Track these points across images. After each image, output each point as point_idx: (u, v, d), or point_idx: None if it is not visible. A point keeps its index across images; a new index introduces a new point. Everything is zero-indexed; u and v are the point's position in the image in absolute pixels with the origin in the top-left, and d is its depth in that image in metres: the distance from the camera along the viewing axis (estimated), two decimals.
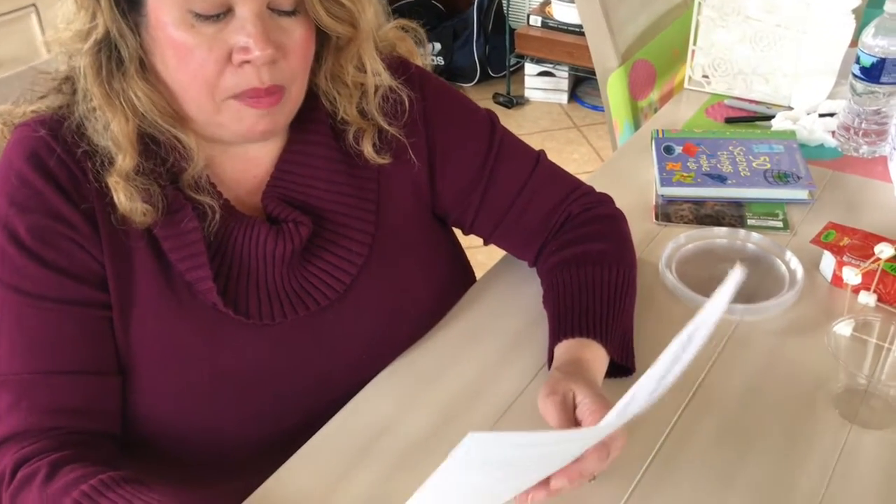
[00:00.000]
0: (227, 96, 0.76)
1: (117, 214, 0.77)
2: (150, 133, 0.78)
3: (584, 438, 0.67)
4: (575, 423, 0.74)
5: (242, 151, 0.85)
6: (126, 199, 0.76)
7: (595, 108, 3.18)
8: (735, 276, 0.60)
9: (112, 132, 0.75)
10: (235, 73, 0.75)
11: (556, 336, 0.85)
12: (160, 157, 0.79)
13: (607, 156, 2.81)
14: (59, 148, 0.77)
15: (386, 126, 0.87)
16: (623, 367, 0.85)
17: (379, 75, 0.85)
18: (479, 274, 1.06)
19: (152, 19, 0.74)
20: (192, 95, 0.76)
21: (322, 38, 0.81)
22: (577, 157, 2.91)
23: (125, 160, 0.76)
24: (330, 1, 0.76)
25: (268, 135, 0.81)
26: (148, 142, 0.78)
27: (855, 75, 1.22)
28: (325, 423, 0.84)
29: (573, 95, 3.28)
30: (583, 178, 1.03)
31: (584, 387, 0.75)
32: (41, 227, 0.76)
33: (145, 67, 0.76)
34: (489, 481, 0.62)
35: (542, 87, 3.27)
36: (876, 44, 1.18)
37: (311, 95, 0.85)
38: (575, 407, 0.75)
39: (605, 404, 0.73)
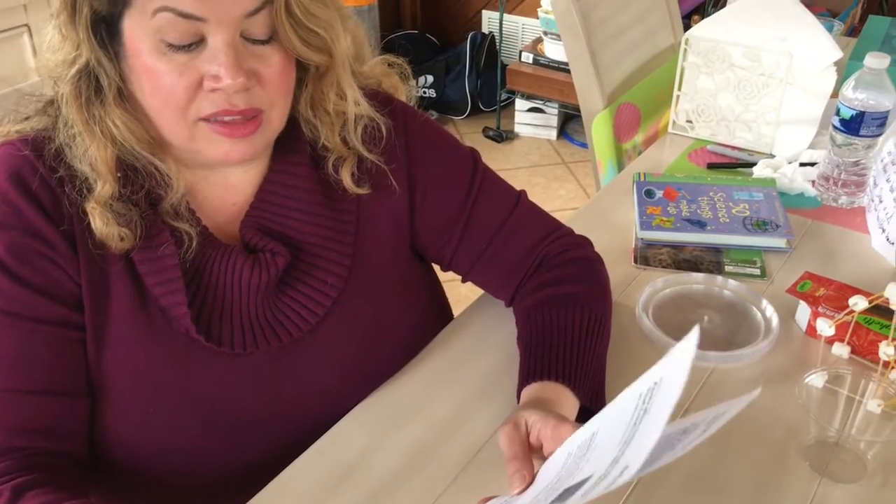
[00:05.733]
0: (198, 118, 0.76)
1: (94, 238, 0.77)
2: (129, 160, 0.78)
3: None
4: (529, 446, 0.74)
5: (223, 179, 0.85)
6: (102, 224, 0.76)
7: (583, 145, 3.20)
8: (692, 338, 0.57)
9: (91, 158, 0.76)
10: (206, 98, 0.75)
11: (524, 379, 0.85)
12: (138, 183, 0.79)
13: (593, 193, 2.83)
14: (41, 168, 0.77)
15: (366, 154, 0.87)
16: (594, 413, 0.85)
17: (359, 104, 0.86)
18: (462, 307, 1.05)
19: (129, 48, 0.75)
20: (166, 120, 0.77)
21: (304, 66, 0.82)
22: (563, 192, 2.93)
23: (104, 187, 0.76)
24: (304, 29, 0.77)
25: (246, 159, 0.81)
26: (126, 168, 0.78)
27: (835, 127, 1.24)
28: (296, 453, 0.83)
29: (562, 132, 3.31)
30: (568, 214, 1.03)
31: (534, 412, 0.75)
32: (19, 244, 0.76)
33: (124, 96, 0.77)
34: None
35: (531, 122, 3.30)
36: (855, 97, 1.20)
37: (293, 123, 0.85)
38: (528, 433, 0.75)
39: (553, 418, 0.73)
